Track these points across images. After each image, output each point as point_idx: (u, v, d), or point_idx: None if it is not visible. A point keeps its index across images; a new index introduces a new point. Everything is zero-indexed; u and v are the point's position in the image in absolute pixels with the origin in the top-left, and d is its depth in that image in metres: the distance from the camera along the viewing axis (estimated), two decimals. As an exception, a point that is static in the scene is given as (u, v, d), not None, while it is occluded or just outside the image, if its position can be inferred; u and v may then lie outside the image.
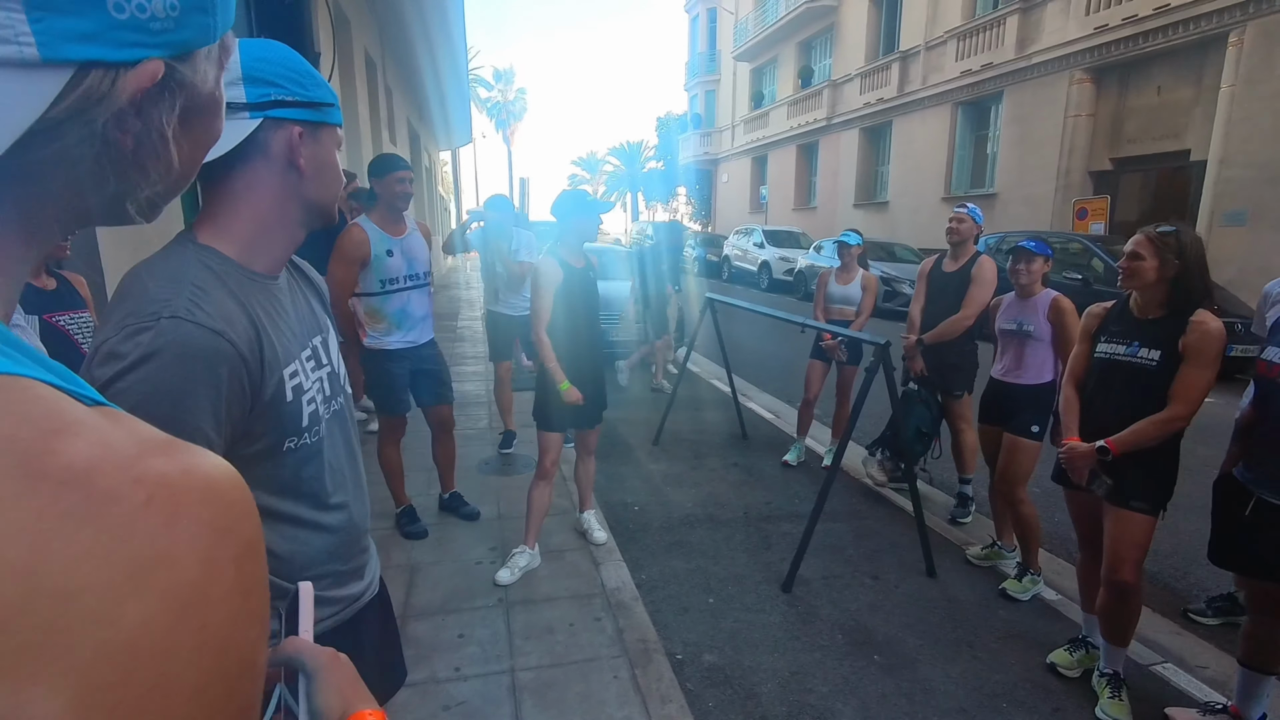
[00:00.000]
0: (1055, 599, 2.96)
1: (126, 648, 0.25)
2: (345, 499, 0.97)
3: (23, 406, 0.27)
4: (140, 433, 0.31)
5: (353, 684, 0.57)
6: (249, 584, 0.31)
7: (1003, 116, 14.06)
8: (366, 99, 8.45)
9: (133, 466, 0.28)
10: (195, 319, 0.75)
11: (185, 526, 0.28)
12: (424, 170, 17.75)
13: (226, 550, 0.29)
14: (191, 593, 0.27)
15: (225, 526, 0.30)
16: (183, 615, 0.27)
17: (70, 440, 0.27)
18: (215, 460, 0.32)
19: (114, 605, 0.25)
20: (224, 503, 0.30)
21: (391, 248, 2.98)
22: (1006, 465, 2.97)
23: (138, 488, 0.27)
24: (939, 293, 3.70)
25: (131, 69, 0.33)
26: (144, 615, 0.26)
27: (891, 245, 13.64)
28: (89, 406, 0.30)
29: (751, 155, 25.74)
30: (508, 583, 2.81)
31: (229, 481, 0.32)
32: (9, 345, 0.30)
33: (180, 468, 0.30)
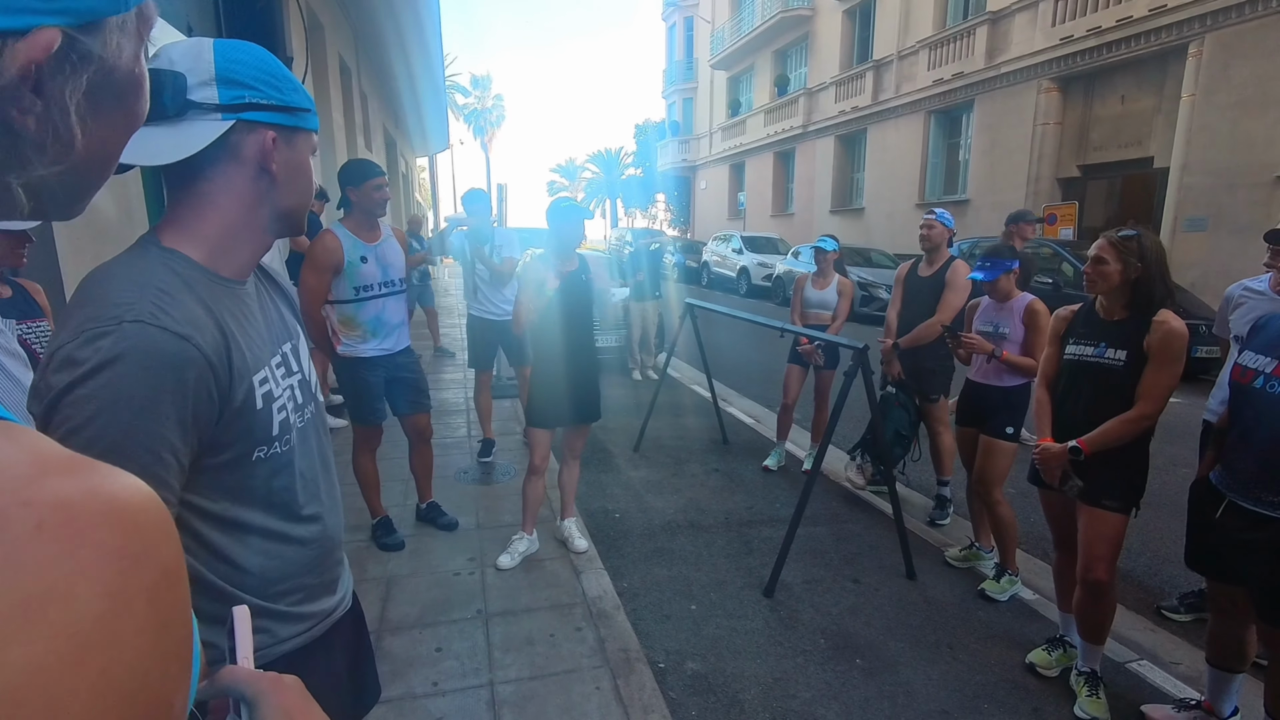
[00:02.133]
0: (1033, 599, 3.00)
1: (11, 696, 0.22)
2: (318, 510, 0.93)
3: None
4: (40, 449, 0.28)
5: (304, 708, 0.54)
6: (165, 616, 0.28)
7: (974, 124, 14.34)
8: (341, 105, 8.35)
9: (23, 489, 0.25)
10: (160, 323, 0.72)
11: (85, 555, 0.25)
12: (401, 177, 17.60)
13: (137, 580, 0.26)
14: (93, 630, 0.24)
15: (136, 553, 0.27)
16: (80, 657, 0.24)
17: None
18: (126, 480, 0.29)
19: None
20: (134, 526, 0.27)
21: (366, 254, 2.93)
22: (983, 467, 3.00)
23: (26, 511, 0.24)
24: (914, 297, 3.74)
25: (21, 38, 0.30)
26: (31, 659, 0.22)
27: (868, 251, 13.81)
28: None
29: (729, 162, 25.94)
30: (508, 567, 2.99)
31: (142, 502, 0.28)
32: None
33: (82, 489, 0.27)
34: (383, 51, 10.06)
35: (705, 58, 27.27)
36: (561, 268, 2.91)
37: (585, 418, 3.11)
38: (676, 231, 30.26)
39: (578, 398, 3.02)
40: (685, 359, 8.01)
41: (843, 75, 18.33)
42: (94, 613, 0.24)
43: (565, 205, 2.96)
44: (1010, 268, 2.99)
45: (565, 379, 2.95)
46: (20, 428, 0.29)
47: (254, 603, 0.85)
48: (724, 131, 26.20)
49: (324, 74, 7.39)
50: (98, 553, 0.25)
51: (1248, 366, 1.93)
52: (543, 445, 3.04)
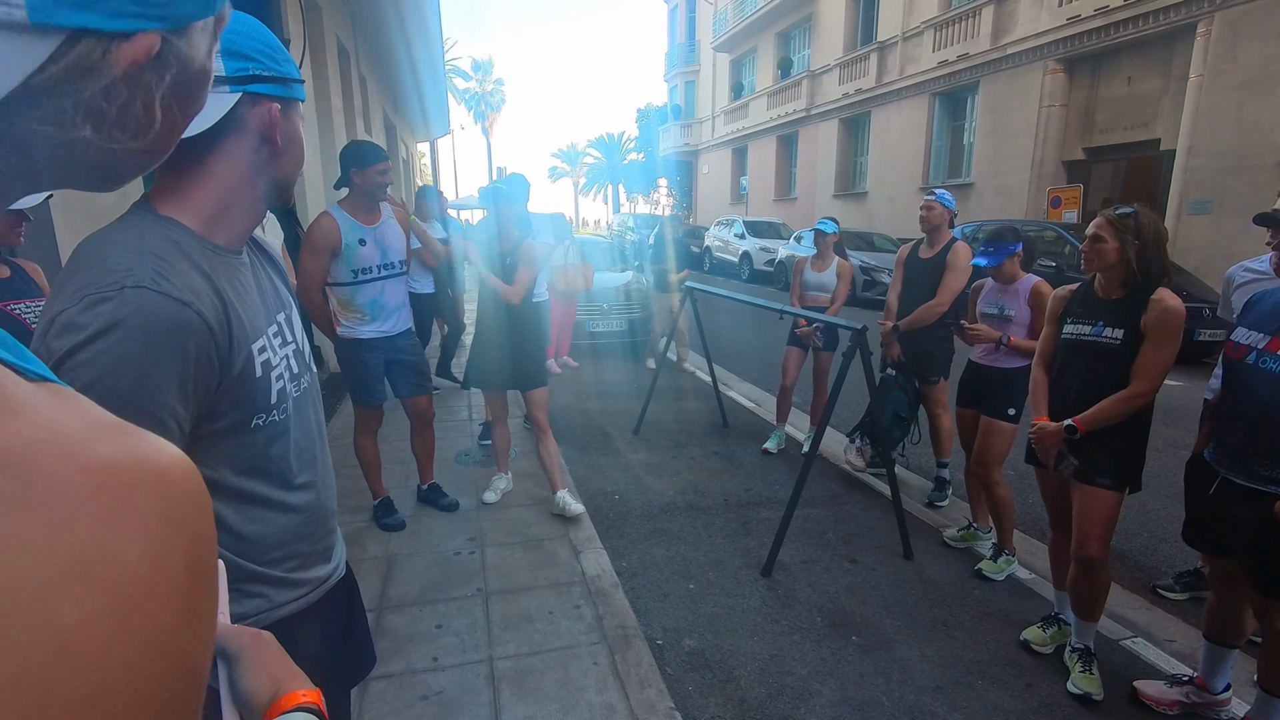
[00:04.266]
0: (1029, 578, 3.02)
1: (60, 650, 0.23)
2: (312, 479, 0.95)
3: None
4: (89, 415, 0.29)
5: (282, 663, 0.55)
6: (199, 581, 0.28)
7: (978, 107, 14.21)
8: (340, 88, 8.29)
9: (80, 452, 0.26)
10: (161, 289, 0.72)
11: (134, 519, 0.26)
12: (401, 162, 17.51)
13: (177, 545, 0.27)
14: (138, 590, 0.25)
15: (178, 520, 0.28)
16: (126, 615, 0.25)
17: (10, 420, 0.25)
18: (168, 448, 0.30)
19: (49, 602, 0.23)
20: (177, 494, 0.28)
21: (364, 236, 2.92)
22: (982, 447, 3.01)
23: (84, 475, 0.25)
24: (915, 279, 3.73)
25: (127, 41, 0.31)
26: (82, 614, 0.23)
27: (870, 235, 13.74)
28: (33, 382, 0.28)
29: (732, 146, 25.75)
30: (492, 502, 3.45)
31: (182, 471, 0.29)
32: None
33: (132, 455, 0.27)
34: (382, 34, 9.97)
35: (707, 40, 26.98)
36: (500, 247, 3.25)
37: (523, 385, 3.33)
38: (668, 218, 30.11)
39: (516, 365, 3.29)
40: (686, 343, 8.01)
41: (846, 57, 18.13)
42: (139, 574, 0.25)
43: (495, 187, 3.35)
44: (1014, 251, 2.97)
45: (501, 347, 3.26)
46: (69, 391, 0.30)
47: (251, 569, 0.87)
48: (726, 115, 25.98)
49: (322, 57, 7.33)
50: (144, 518, 0.26)
51: (1240, 342, 1.93)
52: (494, 403, 3.46)
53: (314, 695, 0.54)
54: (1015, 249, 2.96)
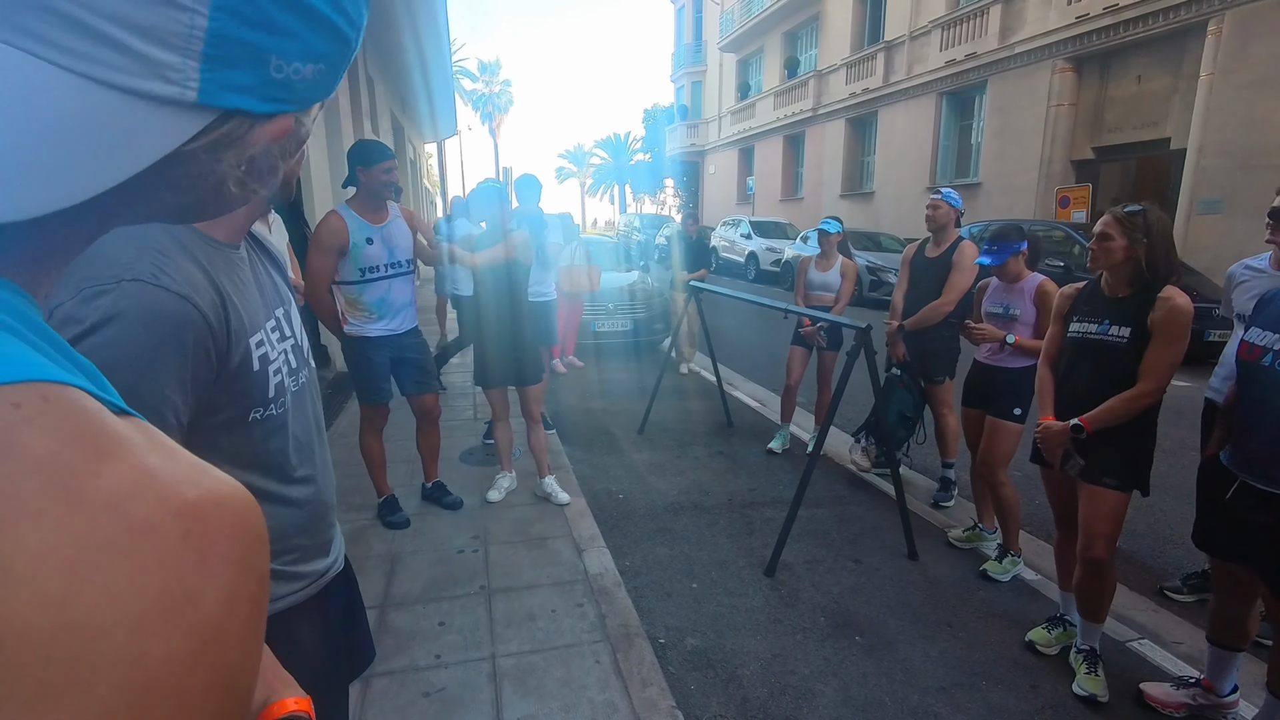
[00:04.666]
0: (1035, 579, 3.00)
1: (146, 687, 0.24)
2: (311, 472, 0.95)
3: (69, 422, 0.26)
4: (174, 455, 0.30)
5: (272, 669, 0.56)
6: (258, 617, 0.31)
7: (986, 106, 14.13)
8: (347, 88, 8.33)
9: (171, 497, 0.27)
10: (160, 283, 0.73)
11: (213, 563, 0.28)
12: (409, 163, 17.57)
13: (246, 587, 0.29)
14: (212, 632, 0.27)
15: (248, 563, 0.29)
16: (203, 654, 0.26)
17: (111, 464, 0.26)
18: (240, 491, 0.31)
19: (141, 643, 0.25)
20: (248, 537, 0.30)
21: (371, 235, 2.94)
22: (988, 447, 2.99)
23: (175, 521, 0.27)
24: (921, 279, 3.71)
25: (269, 120, 0.34)
26: (168, 654, 0.25)
27: (877, 235, 13.69)
28: (119, 416, 0.29)
29: (738, 146, 25.72)
30: (496, 500, 3.48)
31: (254, 516, 0.31)
32: (51, 346, 0.30)
33: (212, 499, 0.29)
34: (390, 34, 10.01)
35: (714, 40, 26.95)
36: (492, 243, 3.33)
37: (522, 380, 3.43)
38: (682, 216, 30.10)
39: (515, 362, 3.38)
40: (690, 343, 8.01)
41: (853, 57, 18.08)
42: (215, 615, 0.27)
43: (484, 189, 3.46)
44: (1018, 249, 2.95)
45: (500, 345, 3.35)
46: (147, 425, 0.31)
47: None
48: (733, 115, 25.95)
49: (329, 58, 7.37)
50: (222, 562, 0.28)
51: (1255, 344, 1.91)
52: (496, 401, 3.50)
53: (304, 703, 0.54)
54: (1020, 247, 2.95)
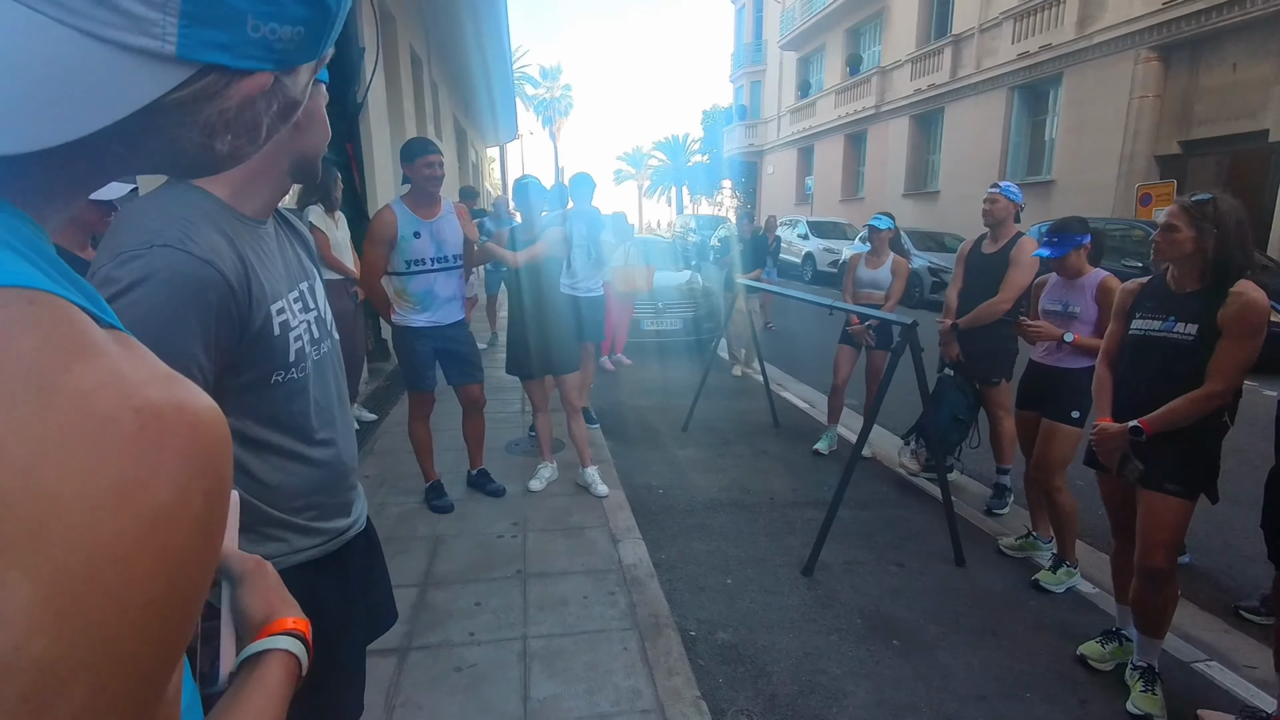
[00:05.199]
0: (1092, 592, 2.84)
1: (97, 553, 0.28)
2: (332, 435, 1.01)
3: (52, 326, 0.30)
4: (146, 363, 0.34)
5: (278, 591, 0.60)
6: (212, 514, 0.33)
7: (1061, 100, 13.42)
8: (412, 95, 8.67)
9: (133, 395, 0.31)
10: (185, 248, 0.80)
11: (168, 457, 0.31)
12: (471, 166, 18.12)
13: (199, 483, 0.32)
14: (161, 516, 0.30)
15: (202, 463, 0.32)
16: (150, 534, 0.29)
17: (86, 364, 0.30)
18: (205, 400, 0.34)
19: (93, 515, 0.28)
20: (205, 440, 0.33)
21: (420, 229, 3.05)
22: (1044, 452, 2.85)
23: (133, 416, 0.30)
24: (977, 276, 3.57)
25: (246, 77, 0.37)
26: (117, 528, 0.28)
27: (941, 235, 13.23)
28: (105, 329, 0.34)
29: (798, 146, 25.31)
30: (537, 490, 3.56)
31: (213, 421, 0.34)
32: (51, 265, 0.34)
33: (174, 402, 0.32)
34: (453, 41, 10.35)
35: (774, 39, 26.62)
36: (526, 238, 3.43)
37: (561, 369, 3.51)
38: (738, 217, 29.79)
39: (550, 352, 3.46)
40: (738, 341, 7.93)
41: (919, 52, 17.50)
42: (164, 503, 0.30)
43: (526, 182, 3.50)
44: (1080, 243, 2.80)
45: (535, 336, 3.43)
46: (131, 339, 0.36)
47: (273, 514, 0.94)
48: (792, 114, 25.55)
49: (395, 64, 7.69)
50: (175, 458, 0.31)
51: None
52: (534, 392, 3.59)
53: (303, 624, 0.58)
54: (1082, 240, 2.79)
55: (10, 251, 0.32)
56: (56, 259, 0.35)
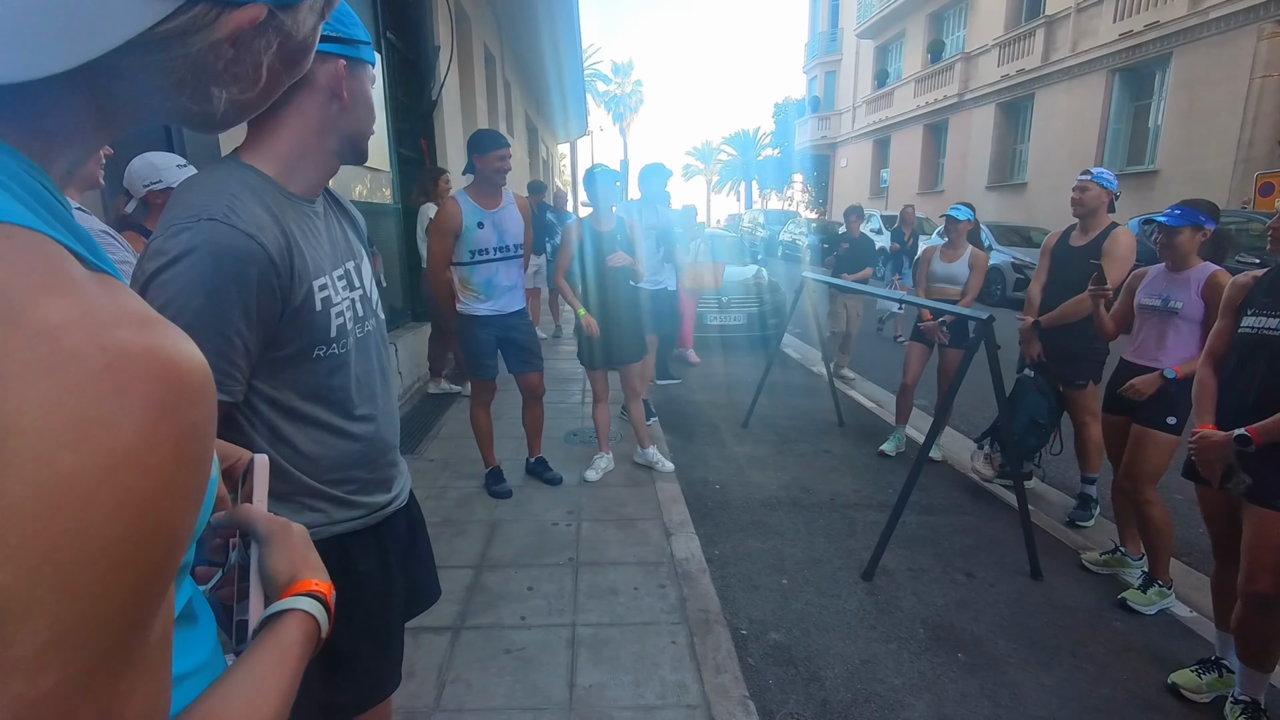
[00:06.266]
0: (1188, 616, 2.59)
1: (54, 489, 0.27)
2: (372, 412, 1.03)
3: (25, 259, 0.30)
4: (125, 305, 0.33)
5: (304, 553, 0.60)
6: (183, 462, 0.32)
7: (1169, 83, 12.35)
8: (485, 92, 8.88)
9: (102, 333, 0.30)
10: (230, 222, 0.83)
11: (132, 399, 0.30)
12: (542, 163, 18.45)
13: (167, 428, 0.31)
14: (123, 458, 0.29)
15: (171, 407, 0.32)
16: (111, 475, 0.29)
17: (55, 298, 0.30)
18: (184, 346, 0.34)
19: (51, 450, 0.27)
20: (176, 384, 0.32)
21: (483, 220, 3.11)
22: (1134, 460, 2.62)
23: (99, 353, 0.30)
24: (1063, 270, 3.32)
25: (235, 10, 0.37)
26: (75, 466, 0.28)
27: (1027, 229, 12.47)
28: (91, 271, 0.33)
29: (873, 137, 24.43)
30: (593, 480, 3.57)
31: (189, 367, 0.33)
32: (40, 204, 0.34)
33: (145, 344, 0.32)
34: (526, 40, 10.54)
35: (850, 27, 25.76)
36: (599, 227, 3.43)
37: (625, 359, 3.56)
38: (814, 213, 29.06)
39: (618, 343, 3.50)
40: (803, 338, 7.74)
41: (1008, 35, 16.51)
42: (128, 444, 0.30)
43: (594, 172, 3.46)
44: (1202, 224, 2.51)
45: (606, 327, 3.46)
46: (118, 283, 0.35)
47: (313, 485, 0.96)
48: (868, 105, 24.68)
49: (469, 62, 7.90)
50: (142, 400, 0.31)
51: None
52: (599, 382, 3.64)
53: (325, 587, 0.59)
54: (1204, 223, 2.51)
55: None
56: (51, 200, 0.35)
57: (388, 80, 5.27)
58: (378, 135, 5.34)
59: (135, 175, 2.02)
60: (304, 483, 0.95)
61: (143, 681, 0.33)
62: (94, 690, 0.30)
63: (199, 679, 0.50)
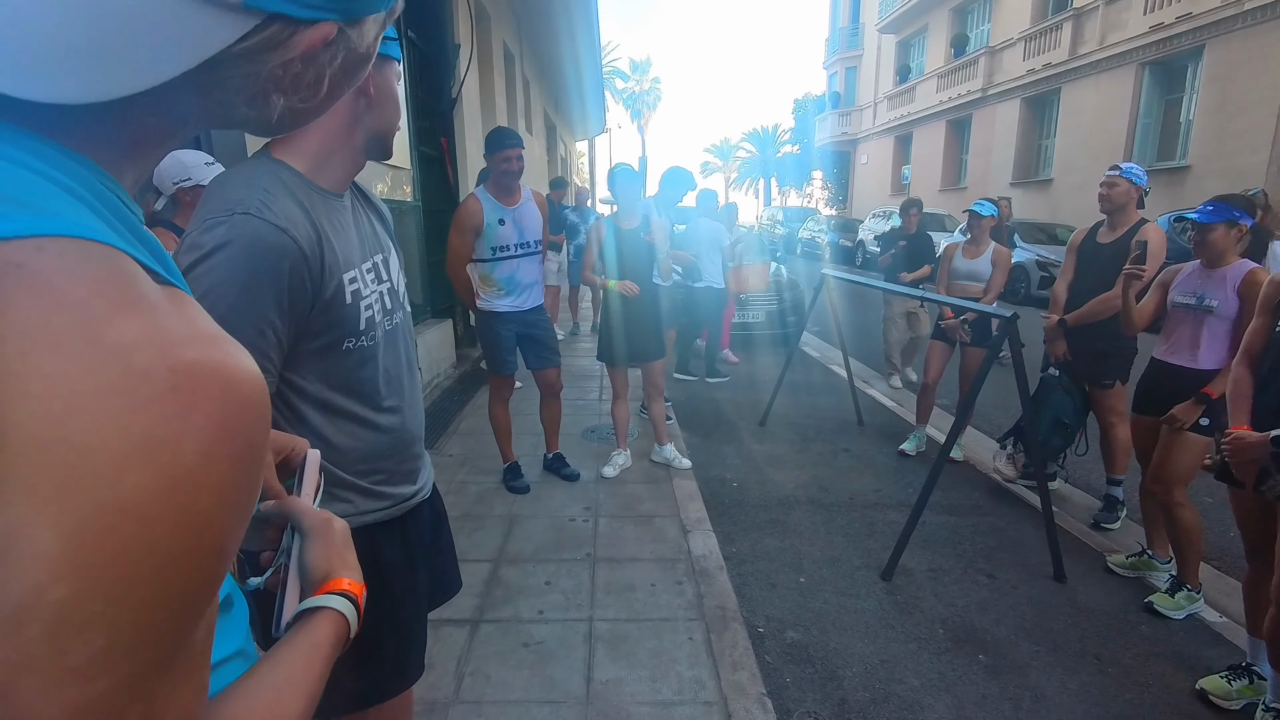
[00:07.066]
0: (1218, 621, 2.54)
1: (119, 507, 0.28)
2: (399, 404, 1.04)
3: (101, 276, 0.31)
4: (194, 322, 0.34)
5: (342, 551, 0.61)
6: (240, 481, 0.33)
7: (1202, 76, 12.04)
8: (504, 90, 8.92)
9: (170, 353, 0.31)
10: (263, 216, 0.85)
11: (197, 419, 0.31)
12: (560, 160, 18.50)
13: (227, 448, 0.32)
14: (186, 477, 0.30)
15: (233, 427, 0.33)
16: (172, 494, 0.30)
17: (130, 318, 0.31)
18: (245, 365, 0.34)
19: (119, 469, 0.28)
20: (238, 405, 0.33)
21: (504, 217, 3.13)
22: (1163, 461, 2.57)
23: (169, 374, 0.31)
24: (1090, 267, 3.26)
25: (310, 27, 0.38)
26: (141, 484, 0.29)
27: (1052, 226, 12.24)
28: (161, 286, 0.34)
29: (894, 134, 24.14)
30: (611, 476, 3.59)
31: (249, 389, 0.34)
32: (115, 216, 0.35)
33: (211, 364, 0.32)
34: (545, 38, 10.57)
35: (872, 22, 25.46)
36: (622, 225, 3.45)
37: (647, 357, 3.58)
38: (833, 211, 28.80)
39: (639, 340, 3.52)
40: (823, 336, 7.69)
41: (1034, 29, 16.21)
42: (190, 464, 0.31)
43: (618, 170, 3.46)
44: (1237, 219, 2.44)
45: (627, 325, 3.49)
46: (186, 298, 0.36)
47: (340, 476, 0.98)
48: (890, 101, 24.38)
49: (489, 60, 7.94)
50: (206, 420, 0.31)
51: None
52: (619, 379, 3.63)
53: (357, 588, 0.59)
54: (1239, 219, 2.44)
55: (75, 200, 0.33)
56: (125, 212, 0.36)
57: (409, 78, 5.32)
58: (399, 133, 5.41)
59: (164, 173, 2.07)
60: (332, 473, 0.97)
61: (185, 682, 0.34)
62: (142, 695, 0.31)
63: (231, 667, 0.51)
